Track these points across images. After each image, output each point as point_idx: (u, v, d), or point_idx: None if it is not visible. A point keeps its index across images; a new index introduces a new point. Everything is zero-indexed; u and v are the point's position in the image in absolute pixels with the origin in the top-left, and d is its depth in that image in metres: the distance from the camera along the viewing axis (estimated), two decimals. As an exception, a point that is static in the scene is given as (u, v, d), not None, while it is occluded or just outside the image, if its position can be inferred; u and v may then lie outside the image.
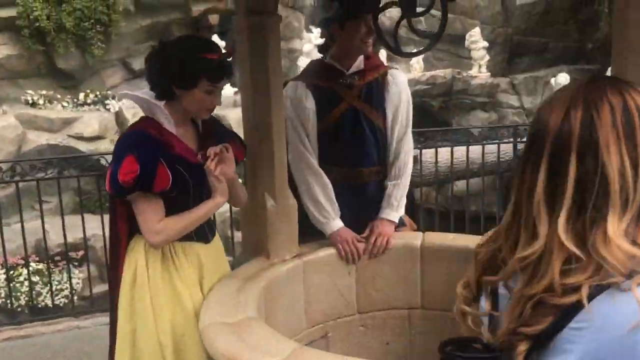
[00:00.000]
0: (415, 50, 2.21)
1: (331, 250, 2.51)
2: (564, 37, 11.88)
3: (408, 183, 2.69)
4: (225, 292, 2.09)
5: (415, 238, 2.60)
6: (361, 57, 2.56)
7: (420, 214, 5.37)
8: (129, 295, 2.05)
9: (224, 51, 2.06)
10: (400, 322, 2.63)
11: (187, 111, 2.08)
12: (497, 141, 5.12)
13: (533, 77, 11.33)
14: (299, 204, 2.51)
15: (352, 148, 2.61)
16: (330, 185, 2.55)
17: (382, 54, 10.44)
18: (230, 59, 2.07)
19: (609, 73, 9.44)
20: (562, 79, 9.20)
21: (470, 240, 2.56)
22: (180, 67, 1.95)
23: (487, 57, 10.64)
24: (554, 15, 11.70)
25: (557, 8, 11.61)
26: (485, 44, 10.46)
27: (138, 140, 1.97)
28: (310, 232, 2.57)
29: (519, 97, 11.23)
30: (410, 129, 2.68)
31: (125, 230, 2.07)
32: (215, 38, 8.74)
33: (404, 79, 2.67)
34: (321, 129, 2.61)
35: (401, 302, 2.61)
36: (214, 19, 8.18)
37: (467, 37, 10.37)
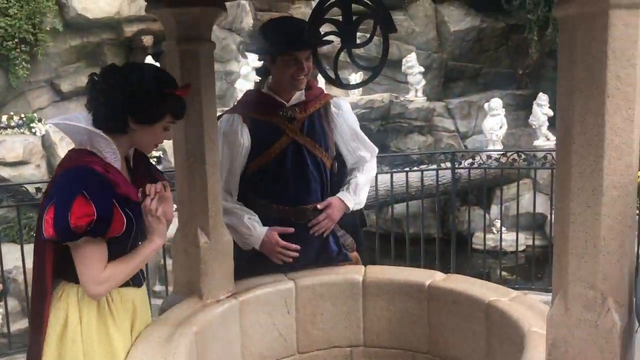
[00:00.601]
0: (355, 83, 2.15)
1: (270, 288, 2.38)
2: (495, 63, 12.30)
3: (370, 178, 2.68)
4: (153, 342, 1.92)
5: (357, 273, 2.51)
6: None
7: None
8: (56, 354, 1.82)
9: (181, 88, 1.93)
10: (342, 361, 2.52)
11: (134, 145, 1.93)
12: (436, 167, 5.16)
13: (467, 101, 11.62)
14: None
15: (295, 185, 2.50)
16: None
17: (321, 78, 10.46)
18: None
19: (540, 98, 9.73)
20: (495, 103, 9.43)
21: (411, 274, 2.50)
22: (146, 102, 1.80)
23: (423, 82, 10.85)
24: (486, 42, 12.09)
25: (489, 35, 12.01)
26: (421, 69, 10.67)
27: (86, 178, 1.75)
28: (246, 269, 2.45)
29: (454, 120, 11.48)
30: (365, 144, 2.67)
31: (51, 281, 1.83)
32: (149, 60, 8.52)
33: (347, 107, 2.60)
34: (260, 164, 2.50)
35: (343, 340, 2.50)
36: (147, 40, 7.98)
37: (403, 62, 10.56)
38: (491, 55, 12.30)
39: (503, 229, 7.93)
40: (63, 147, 6.63)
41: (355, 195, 2.62)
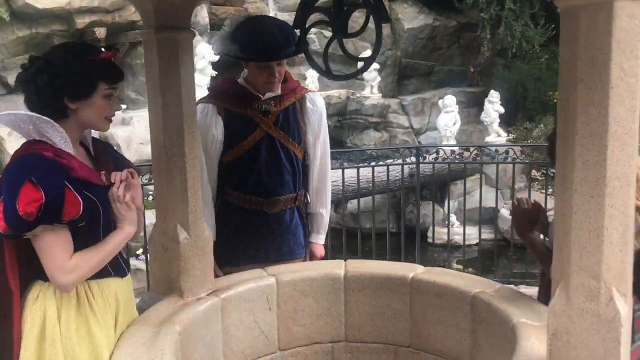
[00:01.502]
0: (345, 74, 2.12)
1: (251, 284, 2.33)
2: (448, 60, 12.52)
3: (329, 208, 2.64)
4: (137, 342, 1.84)
5: (338, 267, 2.48)
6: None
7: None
8: (35, 356, 1.72)
9: (105, 49, 1.87)
10: (323, 357, 2.49)
11: (85, 126, 1.84)
12: (401, 162, 5.22)
13: (420, 98, 11.79)
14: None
15: (269, 177, 2.50)
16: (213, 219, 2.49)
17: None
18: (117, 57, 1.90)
19: (491, 95, 9.94)
20: (449, 100, 9.59)
21: (392, 268, 2.49)
22: (73, 75, 1.72)
23: (379, 79, 10.92)
24: (439, 40, 12.29)
25: (442, 33, 12.21)
26: (377, 65, 10.73)
27: (34, 164, 1.67)
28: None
29: (408, 117, 11.63)
30: (329, 153, 2.61)
31: (16, 280, 1.73)
32: (101, 53, 8.24)
33: (322, 103, 2.58)
34: (234, 156, 2.48)
35: (324, 336, 2.47)
36: (100, 32, 7.71)
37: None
38: (443, 53, 12.51)
39: (457, 223, 8.12)
40: (11, 141, 6.34)
41: (324, 231, 2.75)
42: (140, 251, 5.50)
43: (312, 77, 10.14)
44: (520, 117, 10.96)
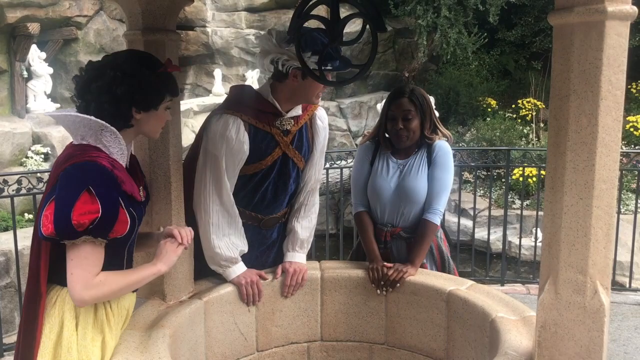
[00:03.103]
0: (340, 81, 2.13)
1: (231, 287, 2.33)
2: (383, 65, 12.78)
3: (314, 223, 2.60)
4: (131, 347, 1.82)
5: (314, 268, 2.53)
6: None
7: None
8: None
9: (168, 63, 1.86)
10: (299, 357, 2.53)
11: (142, 134, 1.87)
12: (327, 166, 5.36)
13: (358, 102, 11.98)
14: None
15: (274, 196, 2.45)
16: (242, 228, 2.38)
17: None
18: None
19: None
20: (387, 104, 9.80)
21: (363, 266, 2.55)
22: (148, 87, 1.75)
23: (318, 82, 11.00)
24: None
25: (378, 38, 12.45)
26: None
27: (94, 174, 1.64)
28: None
29: (346, 120, 11.80)
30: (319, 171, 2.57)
31: (45, 283, 1.70)
32: (34, 49, 7.91)
33: (326, 118, 2.57)
34: (246, 172, 2.36)
35: (300, 336, 2.51)
36: (34, 27, 7.38)
37: (299, 61, 10.63)
38: (379, 57, 12.76)
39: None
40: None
41: (306, 249, 2.59)
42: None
43: (252, 78, 10.11)
44: (452, 121, 11.36)
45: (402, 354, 2.46)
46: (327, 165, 5.59)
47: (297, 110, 2.40)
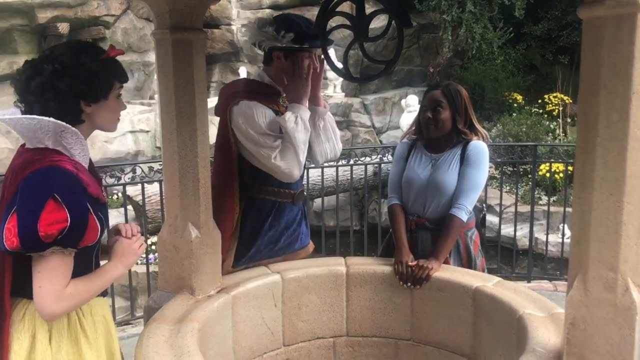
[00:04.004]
0: (365, 77, 2.17)
1: (258, 282, 2.36)
2: (408, 61, 12.72)
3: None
4: (160, 341, 1.86)
5: (340, 265, 2.54)
6: None
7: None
8: None
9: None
10: (325, 352, 2.54)
11: (98, 128, 1.74)
12: (352, 162, 5.34)
13: (382, 97, 11.95)
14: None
15: None
16: None
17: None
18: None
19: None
20: (412, 100, 9.77)
21: (389, 263, 2.56)
22: (92, 77, 1.62)
23: (341, 78, 11.02)
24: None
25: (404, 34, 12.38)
26: (340, 64, 10.81)
27: (58, 180, 1.53)
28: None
29: (369, 116, 11.77)
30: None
31: (9, 299, 1.60)
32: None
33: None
34: None
35: (326, 331, 2.53)
36: (64, 27, 7.51)
37: (323, 57, 10.64)
38: (404, 53, 12.69)
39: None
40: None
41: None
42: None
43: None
44: (478, 116, 11.22)
45: (428, 350, 2.46)
46: (352, 162, 5.61)
47: None
